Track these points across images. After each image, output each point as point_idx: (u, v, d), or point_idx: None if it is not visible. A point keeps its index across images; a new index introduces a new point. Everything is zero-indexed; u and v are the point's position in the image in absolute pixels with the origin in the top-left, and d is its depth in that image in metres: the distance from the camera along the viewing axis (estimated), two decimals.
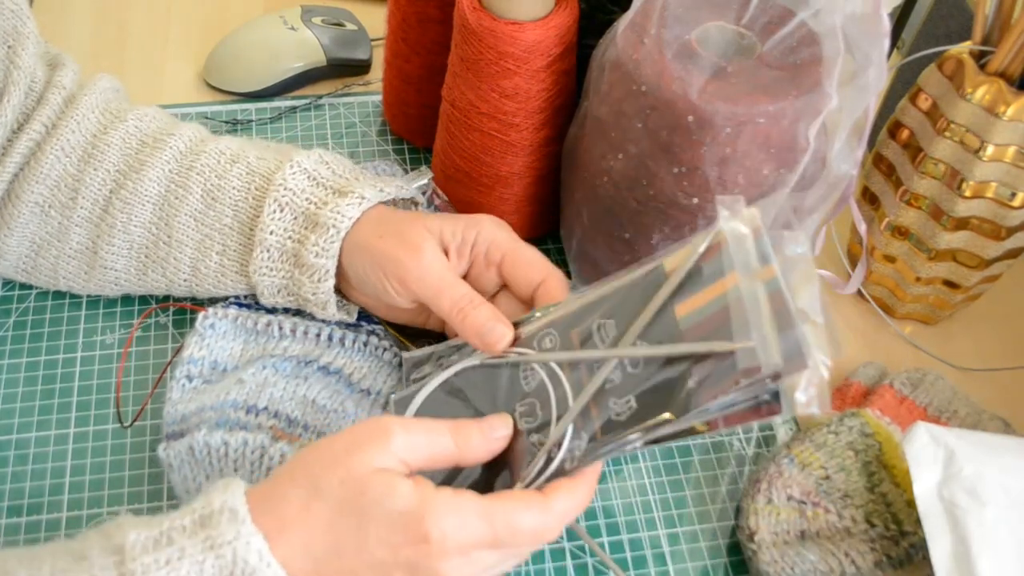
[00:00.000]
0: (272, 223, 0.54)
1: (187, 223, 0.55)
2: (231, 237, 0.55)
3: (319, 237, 0.52)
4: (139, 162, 0.56)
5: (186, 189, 0.55)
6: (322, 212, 0.53)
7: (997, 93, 0.54)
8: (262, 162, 0.56)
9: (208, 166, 0.56)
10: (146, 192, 0.55)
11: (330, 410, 0.54)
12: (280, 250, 0.54)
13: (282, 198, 0.54)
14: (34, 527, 0.52)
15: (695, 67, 0.50)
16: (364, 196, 0.53)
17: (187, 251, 0.56)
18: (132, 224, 0.56)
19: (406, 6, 0.65)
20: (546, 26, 0.55)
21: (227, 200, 0.55)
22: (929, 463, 0.49)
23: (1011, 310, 0.68)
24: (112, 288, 0.59)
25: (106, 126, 0.57)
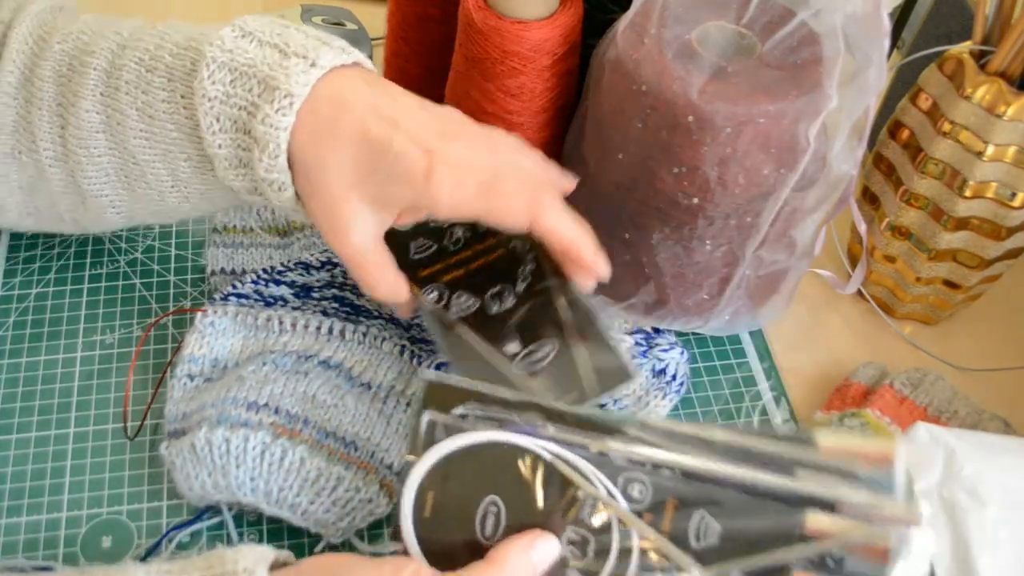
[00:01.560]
0: (215, 137, 0.49)
1: (140, 144, 0.51)
2: (187, 146, 0.51)
3: (262, 151, 0.47)
4: (72, 93, 0.52)
5: (122, 113, 0.51)
6: (255, 123, 0.47)
7: (997, 93, 0.54)
8: (179, 59, 0.50)
9: (131, 82, 0.51)
10: (89, 123, 0.52)
11: (330, 405, 0.54)
12: (237, 158, 0.49)
13: (211, 110, 0.48)
14: (34, 527, 0.52)
15: (695, 67, 0.50)
16: (292, 93, 0.46)
17: (157, 166, 0.52)
18: (95, 156, 0.52)
19: (406, 6, 0.65)
20: (552, 25, 0.55)
21: (162, 116, 0.51)
22: (929, 463, 0.49)
23: (1011, 310, 0.68)
24: (114, 216, 0.56)
25: (37, 57, 0.53)
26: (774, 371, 0.62)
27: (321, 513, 0.51)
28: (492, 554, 0.41)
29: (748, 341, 0.64)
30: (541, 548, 0.42)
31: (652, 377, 0.59)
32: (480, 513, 0.43)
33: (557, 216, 0.49)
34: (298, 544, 0.52)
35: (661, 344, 0.60)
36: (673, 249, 0.56)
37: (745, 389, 0.61)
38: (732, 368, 0.62)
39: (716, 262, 0.56)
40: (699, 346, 0.63)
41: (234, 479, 0.50)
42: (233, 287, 0.59)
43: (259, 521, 0.53)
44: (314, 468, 0.51)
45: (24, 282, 0.63)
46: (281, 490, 0.50)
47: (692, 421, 0.59)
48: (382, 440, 0.54)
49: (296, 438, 0.52)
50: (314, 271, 0.59)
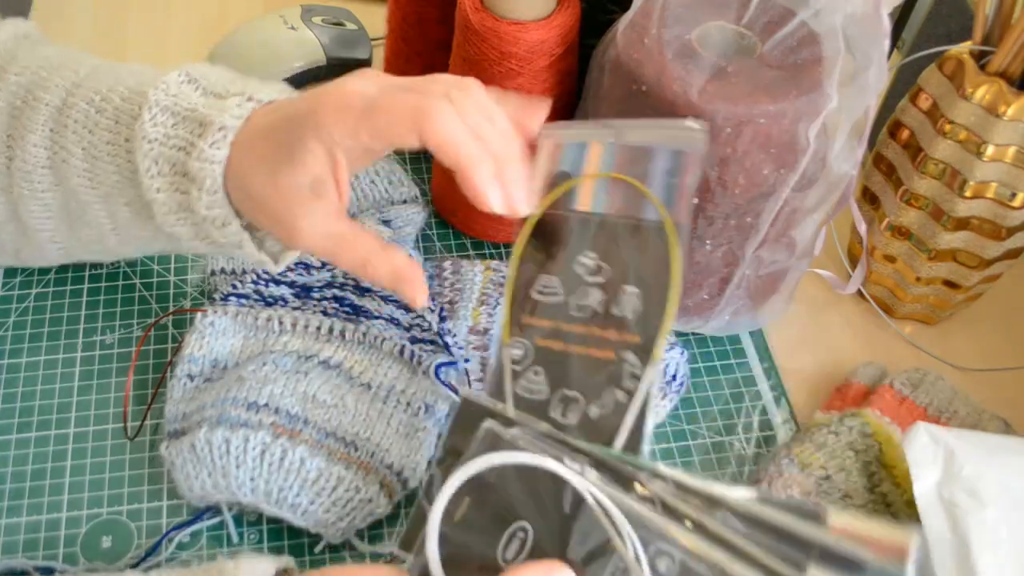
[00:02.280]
0: (152, 181, 0.48)
1: (83, 183, 0.51)
2: (127, 191, 0.50)
3: (200, 190, 0.47)
4: (22, 126, 0.51)
5: (67, 151, 0.51)
6: (191, 161, 0.47)
7: (997, 93, 0.54)
8: (127, 103, 0.50)
9: (79, 121, 0.50)
10: (35, 158, 0.51)
11: (330, 405, 0.54)
12: (175, 203, 0.48)
13: (150, 152, 0.48)
14: (34, 527, 0.52)
15: (695, 67, 0.50)
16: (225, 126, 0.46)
17: (96, 207, 0.52)
18: (38, 191, 0.52)
19: (406, 6, 0.65)
20: (549, 26, 0.55)
21: (105, 158, 0.50)
22: (929, 463, 0.49)
23: (1011, 310, 0.68)
24: (53, 250, 0.55)
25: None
26: (774, 371, 0.62)
27: (321, 513, 0.51)
28: (509, 572, 0.40)
29: (748, 341, 0.64)
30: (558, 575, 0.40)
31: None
32: (507, 534, 0.42)
33: (447, 126, 0.42)
34: (298, 544, 0.52)
35: None
36: None
37: (745, 389, 0.61)
38: (732, 368, 0.62)
39: (716, 262, 0.56)
40: (699, 346, 0.63)
41: (234, 479, 0.50)
42: (233, 287, 0.59)
43: (259, 521, 0.53)
44: (314, 468, 0.51)
45: (24, 282, 0.63)
46: (281, 490, 0.50)
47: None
48: (382, 440, 0.54)
49: (296, 438, 0.52)
50: (314, 271, 0.59)
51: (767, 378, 0.62)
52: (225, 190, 0.47)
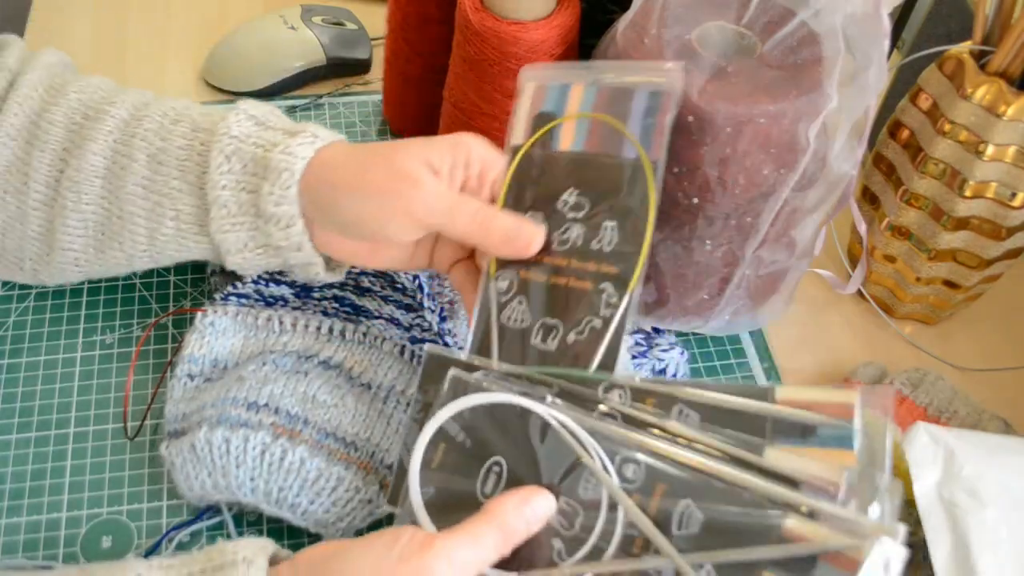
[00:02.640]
0: (221, 177, 0.50)
1: (136, 192, 0.52)
2: (182, 200, 0.52)
3: (273, 184, 0.48)
4: (82, 137, 0.53)
5: (130, 158, 0.52)
6: (272, 155, 0.49)
7: (997, 93, 0.54)
8: (206, 117, 0.52)
9: (151, 130, 0.52)
10: (91, 167, 0.53)
11: (330, 405, 0.54)
12: (237, 203, 0.50)
13: (228, 147, 0.50)
14: (34, 527, 0.52)
15: (695, 67, 0.50)
16: (316, 135, 0.50)
17: (140, 222, 0.53)
18: (83, 202, 0.53)
19: (406, 6, 0.65)
20: (548, 26, 0.55)
21: (172, 162, 0.51)
22: (929, 463, 0.49)
23: (1011, 310, 0.68)
24: (73, 271, 0.56)
25: (48, 104, 0.54)
26: (774, 371, 0.62)
27: (321, 513, 0.51)
28: (487, 506, 0.42)
29: (748, 341, 0.64)
30: (536, 504, 0.42)
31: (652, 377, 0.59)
32: (483, 471, 0.44)
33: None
34: (298, 544, 0.52)
35: (661, 344, 0.60)
36: (673, 249, 0.56)
37: None
38: (732, 368, 0.62)
39: (716, 262, 0.56)
40: (699, 346, 0.63)
41: (234, 479, 0.50)
42: (233, 287, 0.59)
43: (259, 521, 0.53)
44: (314, 468, 0.51)
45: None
46: (281, 490, 0.50)
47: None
48: (382, 440, 0.54)
49: (296, 438, 0.52)
50: None
51: (767, 378, 0.62)
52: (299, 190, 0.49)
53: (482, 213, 0.48)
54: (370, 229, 0.49)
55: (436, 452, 0.45)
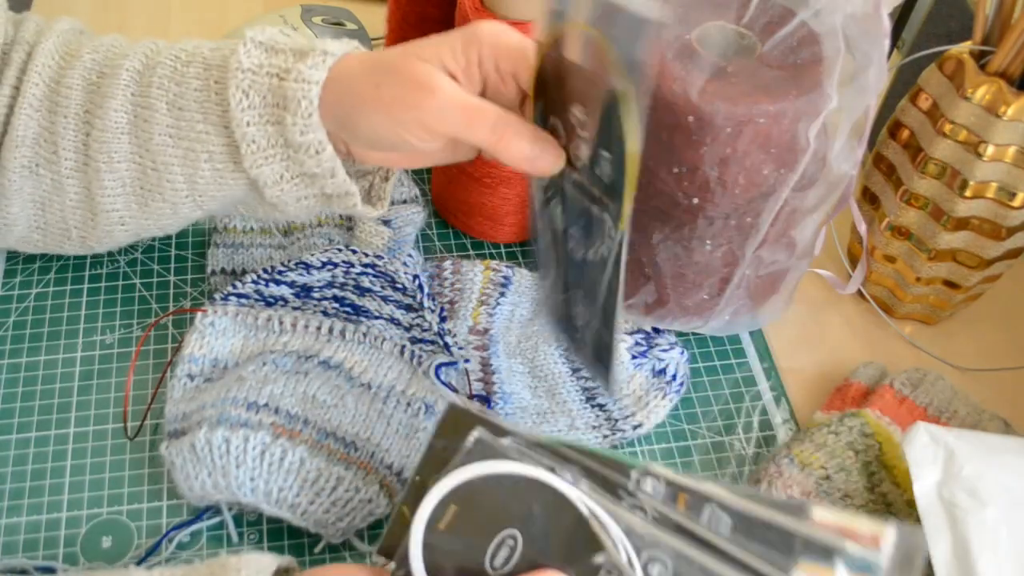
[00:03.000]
0: (243, 113, 0.49)
1: (164, 142, 0.52)
2: (211, 141, 0.51)
3: (295, 115, 0.48)
4: (101, 96, 0.52)
5: (151, 108, 0.51)
6: (287, 84, 0.48)
7: (997, 93, 0.54)
8: (216, 52, 0.51)
9: (165, 76, 0.51)
10: (115, 125, 0.52)
11: (330, 405, 0.54)
12: (264, 136, 0.49)
13: (243, 82, 0.49)
14: (34, 527, 0.52)
15: (695, 67, 0.50)
16: (327, 51, 0.48)
17: (176, 170, 0.52)
18: (114, 161, 0.53)
19: (406, 5, 0.65)
20: None
21: (192, 106, 0.51)
22: (929, 463, 0.49)
23: (1011, 310, 0.68)
24: (119, 232, 0.56)
25: (64, 69, 0.54)
26: (774, 371, 0.62)
27: (321, 513, 0.51)
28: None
29: (748, 341, 0.64)
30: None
31: (652, 377, 0.59)
32: (496, 542, 0.42)
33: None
34: (298, 544, 0.52)
35: (661, 344, 0.60)
36: (673, 249, 0.56)
37: (745, 389, 0.61)
38: (732, 368, 0.62)
39: (716, 262, 0.56)
40: (699, 346, 0.63)
41: (234, 479, 0.50)
42: (233, 287, 0.59)
43: (259, 521, 0.53)
44: (314, 468, 0.51)
45: (24, 282, 0.63)
46: (281, 490, 0.50)
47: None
48: (382, 440, 0.54)
49: (296, 438, 0.52)
50: (314, 271, 0.59)
51: (767, 378, 0.62)
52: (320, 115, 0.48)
53: (501, 125, 0.45)
54: (391, 143, 0.48)
55: (446, 513, 0.42)
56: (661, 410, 0.58)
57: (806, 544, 0.39)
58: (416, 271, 0.59)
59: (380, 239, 0.61)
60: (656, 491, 0.42)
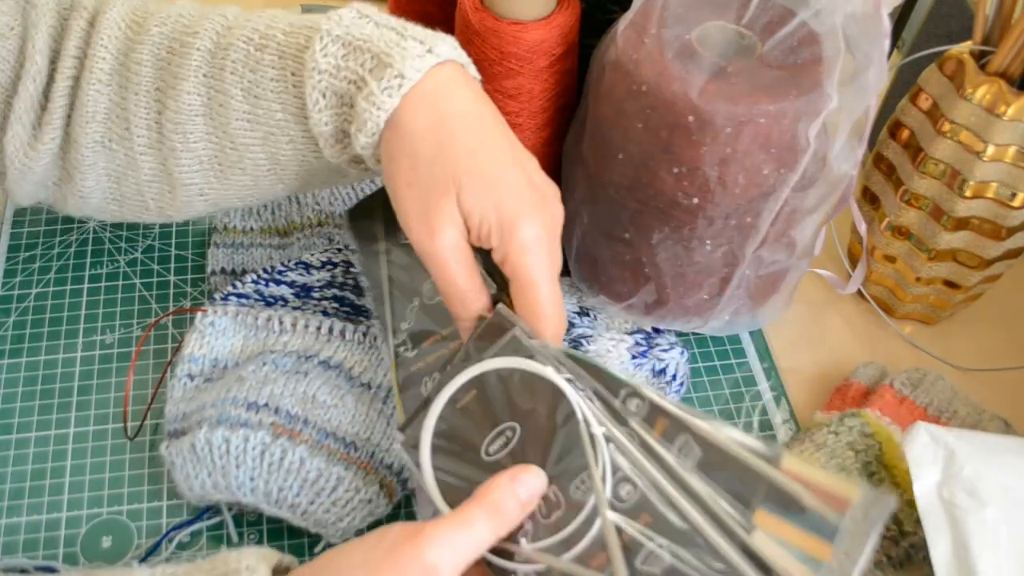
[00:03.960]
0: (320, 115, 0.48)
1: (242, 127, 0.51)
2: (291, 128, 0.50)
3: (359, 130, 0.47)
4: (173, 76, 0.51)
5: (226, 94, 0.50)
6: (358, 100, 0.46)
7: (997, 93, 0.54)
8: (291, 38, 0.49)
9: (238, 61, 0.50)
10: (190, 107, 0.51)
11: (330, 405, 0.54)
12: (338, 136, 0.49)
13: (320, 84, 0.47)
14: (34, 527, 0.52)
15: (695, 67, 0.50)
16: (403, 75, 0.46)
17: (257, 150, 0.52)
18: (190, 141, 0.52)
19: (406, 5, 0.65)
20: (549, 26, 0.55)
21: (269, 95, 0.50)
22: (929, 463, 0.49)
23: (1011, 310, 0.68)
24: (199, 202, 0.55)
25: (133, 43, 0.52)
26: (774, 371, 0.62)
27: (321, 513, 0.51)
28: (478, 490, 0.41)
29: (748, 341, 0.64)
30: (527, 481, 0.41)
31: (652, 377, 0.59)
32: (495, 431, 0.44)
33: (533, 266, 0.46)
34: (298, 544, 0.52)
35: (661, 344, 0.60)
36: (673, 249, 0.56)
37: (745, 389, 0.61)
38: (732, 368, 0.62)
39: (716, 262, 0.56)
40: (699, 346, 0.63)
41: (234, 479, 0.50)
42: (233, 287, 0.59)
43: (259, 521, 0.53)
44: (314, 468, 0.51)
45: (24, 282, 0.63)
46: (281, 490, 0.50)
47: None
48: (382, 440, 0.54)
49: (296, 438, 0.52)
50: (314, 271, 0.59)
51: (767, 378, 0.62)
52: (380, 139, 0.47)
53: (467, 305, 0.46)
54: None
55: (466, 396, 0.45)
56: None
57: (769, 492, 0.39)
58: None
59: None
60: (639, 411, 0.43)
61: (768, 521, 0.39)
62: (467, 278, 0.46)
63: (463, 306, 0.47)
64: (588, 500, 0.41)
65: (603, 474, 0.41)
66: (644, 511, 0.40)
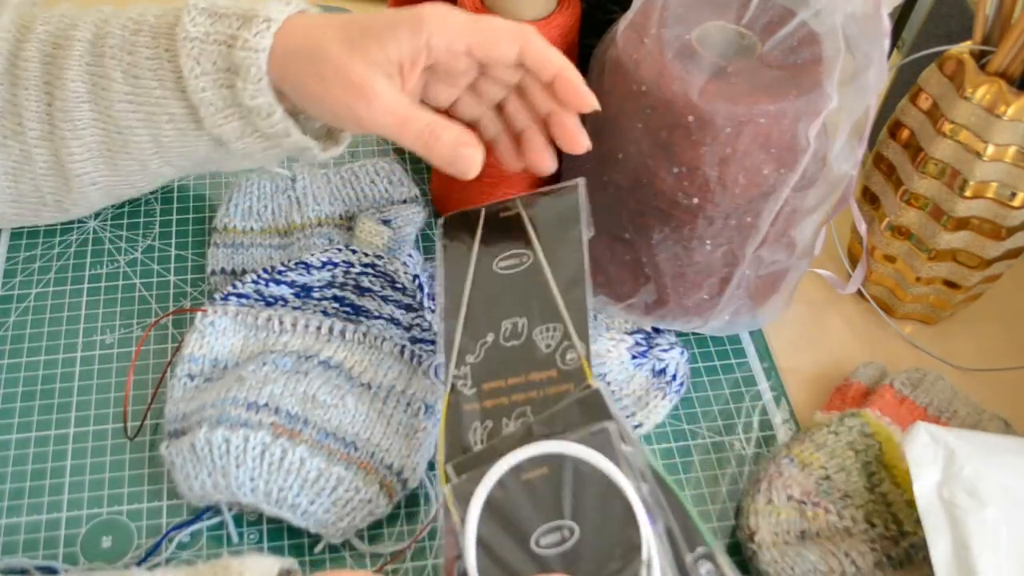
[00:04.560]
0: (197, 80, 0.51)
1: (124, 108, 0.54)
2: (170, 105, 0.53)
3: (245, 80, 0.50)
4: (58, 67, 0.54)
5: (107, 78, 0.53)
6: (235, 51, 0.50)
7: (997, 93, 0.54)
8: (162, 19, 0.53)
9: (116, 46, 0.53)
10: (75, 94, 0.54)
11: (330, 405, 0.54)
12: (221, 99, 0.52)
13: (192, 50, 0.51)
14: (34, 527, 0.52)
15: (695, 67, 0.50)
16: (270, 17, 0.50)
17: (140, 131, 0.54)
18: (79, 128, 0.54)
19: (406, 5, 0.65)
20: (548, 26, 0.55)
21: (147, 74, 0.53)
22: (929, 463, 0.49)
23: (1011, 310, 0.68)
24: (93, 192, 0.58)
25: (20, 42, 0.55)
26: (774, 371, 0.62)
27: (321, 513, 0.51)
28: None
29: (748, 341, 0.64)
30: None
31: (652, 377, 0.59)
32: (553, 524, 0.42)
33: (546, 46, 0.50)
34: (298, 544, 0.52)
35: (661, 344, 0.60)
36: (673, 249, 0.56)
37: (745, 389, 0.61)
38: (732, 368, 0.62)
39: (716, 262, 0.56)
40: (699, 346, 0.63)
41: (234, 479, 0.50)
42: (233, 287, 0.59)
43: (259, 521, 0.53)
44: (314, 468, 0.51)
45: (24, 282, 0.63)
46: (281, 490, 0.50)
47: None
48: (382, 440, 0.54)
49: (296, 438, 0.52)
50: (314, 271, 0.59)
51: (767, 378, 0.62)
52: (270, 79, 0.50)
53: (427, 133, 0.48)
54: (329, 119, 0.51)
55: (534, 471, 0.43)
56: (661, 410, 0.58)
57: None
58: (416, 271, 0.59)
59: (380, 239, 0.61)
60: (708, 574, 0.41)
61: None
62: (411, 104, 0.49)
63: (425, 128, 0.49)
64: None
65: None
66: None
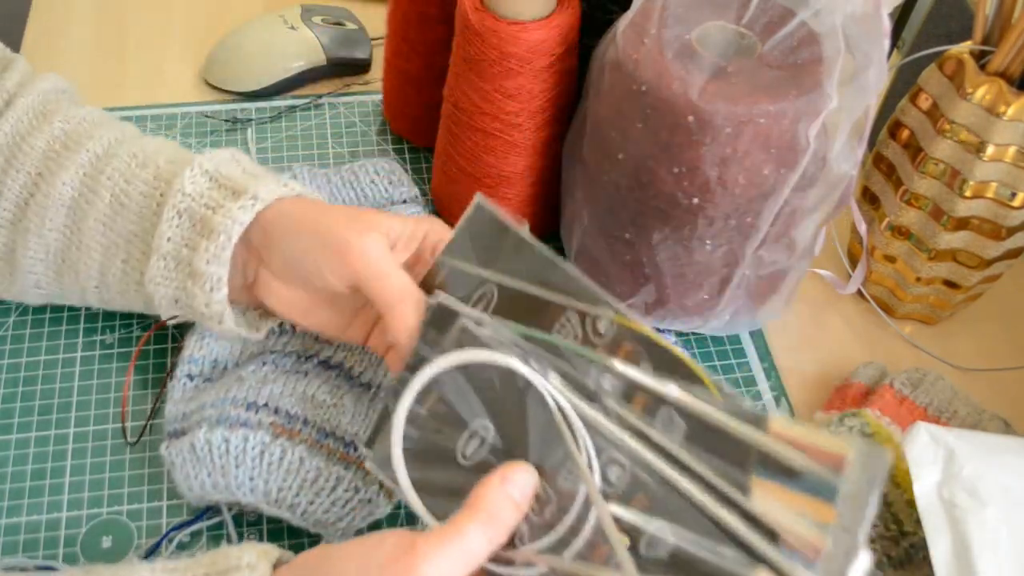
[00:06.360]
0: (169, 230, 0.51)
1: (96, 228, 0.54)
2: (134, 245, 0.53)
3: (211, 243, 0.50)
4: (57, 165, 0.54)
5: (96, 194, 0.54)
6: (215, 217, 0.50)
7: (997, 93, 0.54)
8: (171, 166, 0.54)
9: (118, 170, 0.54)
10: (59, 195, 0.54)
11: (329, 405, 0.54)
12: (175, 258, 0.51)
13: (180, 204, 0.51)
14: (34, 527, 0.52)
15: (695, 67, 0.50)
16: (257, 196, 0.50)
17: (95, 256, 0.54)
18: (46, 227, 0.54)
19: (406, 5, 0.65)
20: (549, 26, 0.55)
21: (133, 207, 0.53)
22: (929, 463, 0.49)
23: (1011, 310, 0.68)
24: (34, 293, 0.57)
25: (33, 129, 0.56)
26: (774, 371, 0.62)
27: (320, 513, 0.51)
28: (470, 499, 0.40)
29: (748, 341, 0.64)
30: (518, 481, 0.40)
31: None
32: (467, 432, 0.42)
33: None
34: (298, 544, 0.52)
35: None
36: (673, 249, 0.56)
37: (745, 389, 0.61)
38: (732, 368, 0.62)
39: (716, 262, 0.56)
40: (699, 346, 0.63)
41: (234, 479, 0.50)
42: None
43: (259, 521, 0.53)
44: (313, 468, 0.51)
45: None
46: (280, 490, 0.50)
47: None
48: None
49: (295, 438, 0.52)
50: None
51: (767, 378, 0.62)
52: (237, 257, 0.51)
53: (408, 291, 0.47)
54: (306, 269, 0.50)
55: (428, 399, 0.43)
56: None
57: (762, 459, 0.37)
58: None
59: None
60: (614, 389, 0.41)
61: (764, 488, 0.37)
62: (401, 272, 0.48)
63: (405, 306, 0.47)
64: (579, 490, 0.39)
65: (588, 461, 0.39)
66: (638, 493, 0.39)
